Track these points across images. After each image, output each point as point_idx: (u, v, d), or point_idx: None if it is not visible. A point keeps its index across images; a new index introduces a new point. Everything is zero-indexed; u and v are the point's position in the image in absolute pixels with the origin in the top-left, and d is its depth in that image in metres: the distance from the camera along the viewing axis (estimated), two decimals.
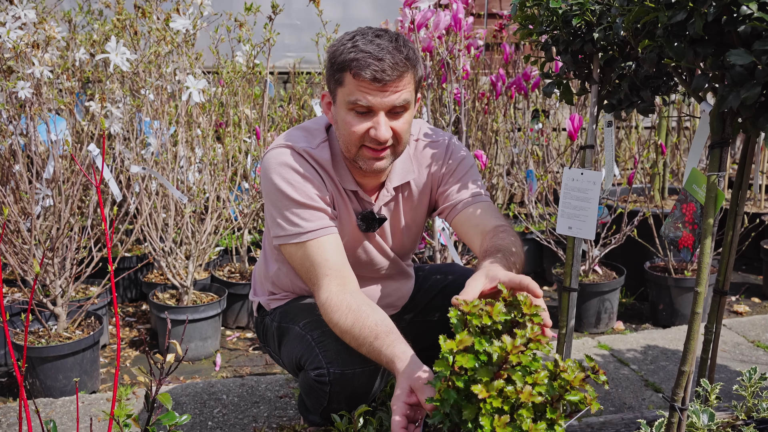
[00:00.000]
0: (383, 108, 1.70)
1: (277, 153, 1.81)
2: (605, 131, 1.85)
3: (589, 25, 1.64)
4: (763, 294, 3.76)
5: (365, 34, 1.71)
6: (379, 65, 1.65)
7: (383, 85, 1.66)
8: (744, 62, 1.19)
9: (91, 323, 2.77)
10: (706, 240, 1.42)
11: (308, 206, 1.78)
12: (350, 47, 1.68)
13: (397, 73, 1.67)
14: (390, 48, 1.67)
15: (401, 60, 1.67)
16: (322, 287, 1.73)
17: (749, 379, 1.72)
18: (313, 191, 1.79)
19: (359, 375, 1.76)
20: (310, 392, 1.85)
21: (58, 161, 2.72)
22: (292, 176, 1.78)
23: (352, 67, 1.66)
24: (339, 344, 1.76)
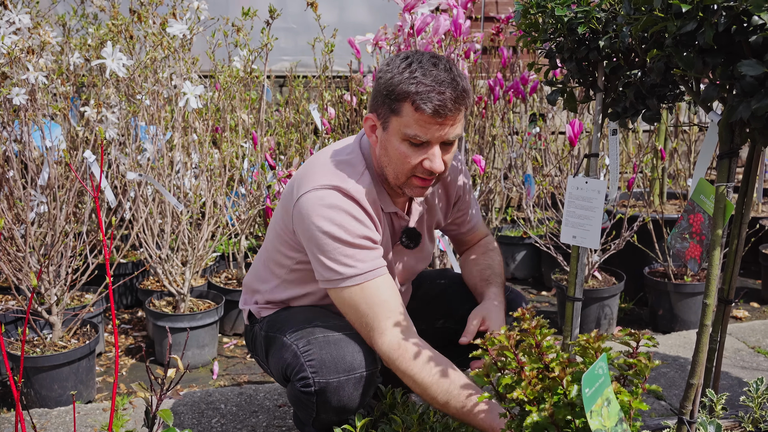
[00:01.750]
0: (439, 141, 1.69)
1: (322, 195, 1.72)
2: (610, 140, 1.83)
3: (595, 33, 1.62)
4: (762, 299, 3.75)
5: (421, 61, 1.66)
6: (441, 100, 1.62)
7: (443, 119, 1.64)
8: (755, 73, 1.17)
9: (87, 332, 2.74)
10: (715, 251, 1.40)
11: (361, 246, 1.72)
12: (408, 77, 1.64)
13: (456, 108, 1.65)
14: (448, 80, 1.64)
15: (460, 93, 1.65)
16: (385, 331, 1.69)
17: (756, 389, 1.70)
18: (365, 230, 1.73)
19: (344, 384, 1.74)
20: (299, 403, 1.83)
21: (53, 167, 2.68)
22: (342, 218, 1.71)
23: (414, 99, 1.63)
24: (324, 353, 1.74)
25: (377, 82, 1.72)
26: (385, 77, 1.69)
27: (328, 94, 3.38)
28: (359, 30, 3.85)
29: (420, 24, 2.85)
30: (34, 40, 2.60)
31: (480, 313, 1.91)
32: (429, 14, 2.85)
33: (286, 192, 1.89)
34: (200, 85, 2.69)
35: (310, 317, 1.89)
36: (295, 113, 3.65)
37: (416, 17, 2.84)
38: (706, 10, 1.23)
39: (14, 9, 2.50)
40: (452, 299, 2.19)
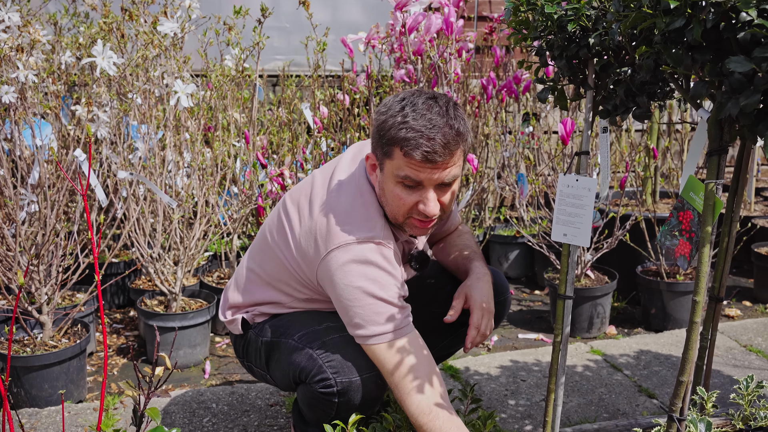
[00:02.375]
0: (433, 183, 1.68)
1: (353, 254, 1.70)
2: (600, 137, 1.83)
3: (585, 30, 1.62)
4: (754, 297, 3.76)
5: (415, 105, 1.64)
6: (430, 146, 1.60)
7: (434, 165, 1.64)
8: (744, 69, 1.17)
9: (78, 331, 2.72)
10: (705, 248, 1.40)
11: (394, 305, 1.71)
12: (400, 122, 1.63)
13: (448, 153, 1.63)
14: (441, 124, 1.62)
15: (453, 137, 1.63)
16: (412, 393, 1.67)
17: (746, 387, 1.70)
18: (397, 288, 1.73)
19: (366, 381, 1.75)
20: (315, 405, 1.81)
21: (44, 166, 2.67)
22: (378, 274, 1.71)
23: (403, 145, 1.62)
24: (343, 353, 1.75)
25: (375, 121, 1.70)
26: (380, 119, 1.68)
27: (320, 93, 3.37)
28: (352, 29, 3.84)
29: (412, 23, 2.84)
30: (24, 39, 2.59)
31: (463, 290, 1.95)
32: (421, 13, 2.85)
33: (303, 236, 1.80)
34: (191, 84, 2.68)
35: (316, 319, 1.88)
36: (287, 112, 3.64)
37: (408, 16, 2.83)
38: (694, 7, 1.23)
39: (4, 7, 2.49)
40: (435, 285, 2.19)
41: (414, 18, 2.86)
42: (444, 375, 2.70)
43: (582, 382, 2.75)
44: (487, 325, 1.92)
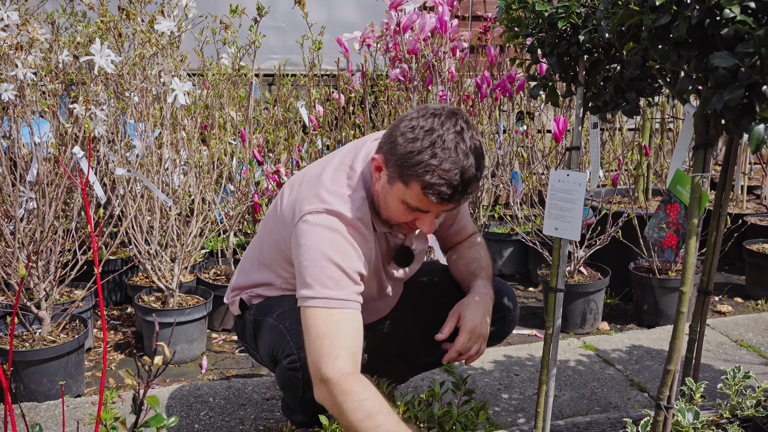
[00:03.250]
0: (439, 211, 1.73)
1: (326, 218, 1.74)
2: (591, 133, 1.86)
3: (575, 27, 1.65)
4: (746, 294, 3.80)
5: (444, 142, 1.63)
6: (450, 193, 1.64)
7: (446, 204, 1.69)
8: (727, 65, 1.21)
9: (76, 326, 2.75)
10: (691, 240, 1.44)
11: (349, 277, 1.72)
12: (427, 162, 1.62)
13: (465, 195, 1.68)
14: (466, 167, 1.64)
15: (474, 182, 1.67)
16: (339, 357, 1.62)
17: (733, 377, 1.74)
18: (358, 264, 1.74)
19: None
20: (287, 384, 1.86)
21: (42, 164, 2.70)
22: (341, 243, 1.73)
23: (425, 186, 1.64)
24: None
25: (398, 141, 1.67)
26: (405, 147, 1.65)
27: (315, 91, 3.40)
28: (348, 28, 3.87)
29: (406, 21, 2.88)
30: (22, 37, 2.61)
31: (458, 309, 1.96)
32: (415, 12, 2.88)
33: (286, 206, 1.86)
34: (188, 82, 2.71)
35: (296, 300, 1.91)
36: (283, 111, 3.68)
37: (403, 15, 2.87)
38: (680, 4, 1.26)
39: (2, 6, 2.51)
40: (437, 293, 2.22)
41: (408, 17, 2.89)
42: (438, 370, 2.73)
43: (575, 376, 2.78)
44: (475, 350, 1.93)
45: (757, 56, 1.18)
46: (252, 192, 3.28)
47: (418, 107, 1.75)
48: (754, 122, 1.26)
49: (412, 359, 2.33)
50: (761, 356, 2.94)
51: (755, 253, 3.70)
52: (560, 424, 2.32)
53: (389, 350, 2.28)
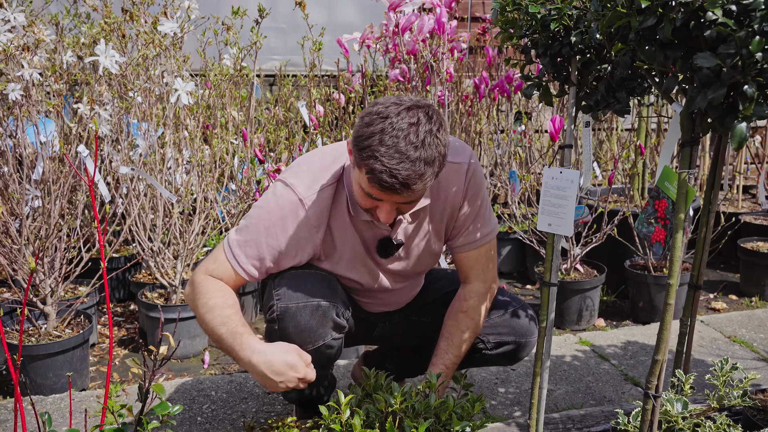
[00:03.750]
0: (392, 202, 1.75)
1: (280, 188, 1.91)
2: (583, 131, 1.91)
3: (567, 29, 1.70)
4: (740, 291, 3.85)
5: (395, 130, 1.64)
6: (390, 182, 1.64)
7: (391, 194, 1.70)
8: (710, 65, 1.26)
9: (81, 322, 2.80)
10: (678, 234, 1.49)
11: (247, 247, 1.92)
12: (374, 148, 1.65)
13: (408, 189, 1.67)
14: (412, 159, 1.64)
15: (417, 176, 1.65)
16: (205, 271, 1.95)
17: (721, 368, 1.79)
18: (258, 245, 1.91)
19: (302, 309, 1.88)
20: (268, 337, 1.97)
21: (47, 162, 2.75)
22: (276, 214, 1.90)
23: (368, 172, 1.67)
24: (289, 283, 1.91)
25: (357, 123, 1.72)
26: (360, 130, 1.69)
27: (316, 91, 3.46)
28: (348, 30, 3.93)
29: (405, 23, 2.93)
30: (28, 38, 2.66)
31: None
32: (414, 13, 2.93)
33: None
34: (191, 82, 2.76)
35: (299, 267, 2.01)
36: (284, 111, 3.73)
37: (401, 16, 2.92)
38: (665, 6, 1.32)
39: (9, 7, 2.57)
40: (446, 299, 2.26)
41: (407, 18, 2.94)
42: None
43: (570, 371, 2.83)
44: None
45: (738, 57, 1.24)
46: (253, 190, 3.33)
47: (395, 96, 1.80)
48: (737, 120, 1.32)
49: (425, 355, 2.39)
50: (754, 351, 2.99)
51: (749, 251, 3.75)
52: (555, 417, 2.38)
53: (407, 344, 2.34)
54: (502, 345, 2.19)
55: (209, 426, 2.38)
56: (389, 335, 2.32)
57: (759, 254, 3.70)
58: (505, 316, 2.19)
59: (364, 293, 2.14)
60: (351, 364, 2.82)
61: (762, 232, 3.99)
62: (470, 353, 2.16)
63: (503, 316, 2.19)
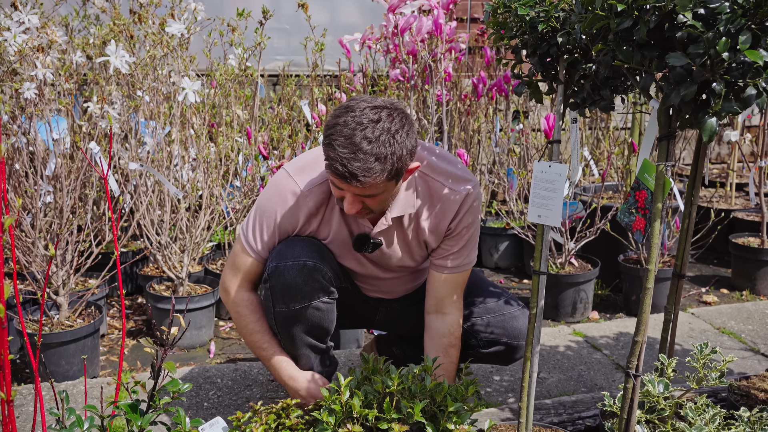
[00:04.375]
0: (353, 193, 1.87)
1: (283, 178, 2.07)
2: (571, 128, 2.01)
3: (554, 30, 1.80)
4: (732, 285, 3.94)
5: (355, 122, 1.77)
6: (342, 172, 1.77)
7: (349, 185, 1.82)
8: (681, 64, 1.36)
9: (92, 312, 2.91)
10: (656, 222, 1.59)
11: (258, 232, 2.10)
12: (332, 137, 1.78)
13: (359, 182, 1.79)
14: (365, 149, 1.75)
15: (366, 170, 1.76)
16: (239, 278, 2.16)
17: (701, 351, 1.89)
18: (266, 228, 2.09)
19: (290, 267, 2.02)
20: (266, 306, 2.14)
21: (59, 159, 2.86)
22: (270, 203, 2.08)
23: (326, 158, 1.82)
24: (282, 246, 2.06)
25: (332, 112, 1.90)
26: (330, 118, 1.84)
27: (318, 91, 3.56)
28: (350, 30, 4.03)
29: (404, 24, 3.03)
30: (42, 39, 2.77)
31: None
32: (412, 15, 3.04)
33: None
34: (198, 81, 2.87)
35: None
36: (288, 110, 3.83)
37: (400, 18, 3.02)
38: (640, 9, 1.41)
39: (24, 9, 2.68)
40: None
41: (406, 20, 3.05)
42: None
43: (563, 360, 2.93)
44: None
45: (707, 56, 1.34)
46: (257, 186, 3.43)
47: (373, 96, 1.94)
48: (707, 116, 1.42)
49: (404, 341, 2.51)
50: (741, 342, 3.09)
51: (740, 246, 3.84)
52: (547, 402, 2.48)
53: (407, 332, 2.45)
54: (494, 344, 2.29)
55: (215, 411, 2.48)
56: (390, 322, 2.43)
57: (749, 249, 3.80)
58: (499, 317, 2.29)
59: (360, 277, 2.27)
60: (352, 354, 2.92)
61: (753, 228, 4.09)
62: (464, 350, 2.26)
63: (497, 317, 2.29)
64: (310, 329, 2.09)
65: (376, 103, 1.83)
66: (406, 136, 1.83)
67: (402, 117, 1.84)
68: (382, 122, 1.79)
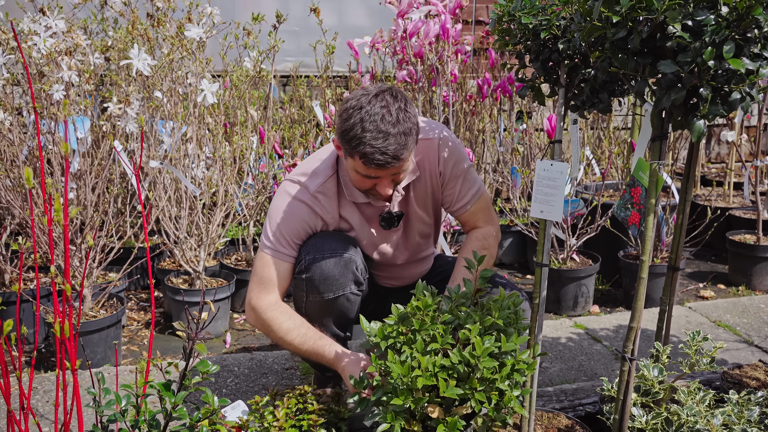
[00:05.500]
0: (387, 176, 2.03)
1: (289, 185, 2.21)
2: (571, 128, 2.14)
3: (556, 37, 1.93)
4: (729, 281, 4.06)
5: (372, 116, 1.92)
6: (383, 159, 1.93)
7: (388, 168, 1.98)
8: (671, 71, 1.48)
9: (114, 304, 3.05)
10: (650, 217, 1.72)
11: (276, 232, 2.19)
12: (359, 136, 1.92)
13: (399, 160, 1.96)
14: (394, 134, 1.92)
15: (402, 146, 1.94)
16: (270, 293, 2.20)
17: (693, 338, 2.01)
18: (288, 230, 2.18)
19: (327, 259, 2.15)
20: (297, 296, 2.23)
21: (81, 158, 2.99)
22: (286, 208, 2.20)
23: (362, 157, 1.95)
24: (316, 240, 2.18)
25: (339, 117, 2.01)
26: (342, 125, 1.97)
27: (329, 92, 3.69)
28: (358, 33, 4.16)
29: (412, 28, 3.16)
30: (67, 43, 2.91)
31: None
32: (420, 19, 3.16)
33: None
34: (216, 83, 3.00)
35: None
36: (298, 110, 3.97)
37: (409, 22, 3.15)
38: (634, 21, 1.54)
39: (51, 14, 2.81)
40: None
41: (414, 24, 3.18)
42: None
43: (565, 351, 3.06)
44: None
45: (694, 64, 1.46)
46: (271, 184, 3.57)
47: (359, 88, 2.08)
48: (696, 118, 1.55)
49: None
50: (736, 334, 3.21)
51: (737, 243, 3.96)
52: (549, 390, 2.61)
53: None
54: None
55: (234, 397, 2.62)
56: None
57: (745, 246, 3.92)
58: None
59: (376, 266, 2.39)
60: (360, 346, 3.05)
61: (749, 226, 4.21)
62: None
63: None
64: (337, 319, 2.22)
65: (373, 92, 1.99)
66: (411, 106, 2.03)
67: (399, 93, 2.03)
68: (392, 104, 1.97)
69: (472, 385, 1.68)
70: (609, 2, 1.54)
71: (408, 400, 1.68)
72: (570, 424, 2.22)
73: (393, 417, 1.69)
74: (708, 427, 1.73)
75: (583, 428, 2.18)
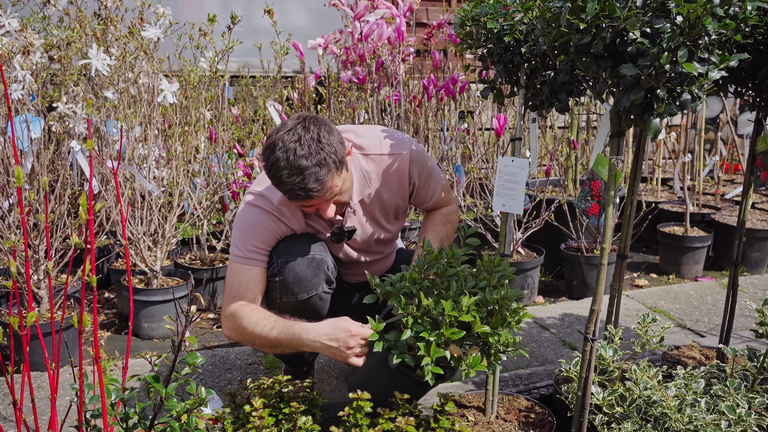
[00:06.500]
0: (322, 202, 2.10)
1: (252, 198, 2.25)
2: (530, 126, 2.28)
3: (518, 41, 2.06)
4: (660, 270, 4.33)
5: (287, 152, 1.97)
6: (305, 194, 2.00)
7: (315, 199, 2.05)
8: (631, 73, 1.63)
9: (70, 305, 3.02)
10: (609, 207, 1.86)
11: (246, 242, 2.22)
12: (278, 178, 1.99)
13: (323, 188, 2.02)
14: (307, 165, 1.96)
15: (321, 177, 1.99)
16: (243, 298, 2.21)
17: (643, 320, 2.18)
18: (256, 237, 2.22)
19: (300, 261, 2.21)
20: (271, 298, 2.27)
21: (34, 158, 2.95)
22: (250, 219, 2.24)
23: (285, 193, 2.04)
24: (287, 243, 2.23)
25: (263, 154, 2.05)
26: (264, 161, 2.03)
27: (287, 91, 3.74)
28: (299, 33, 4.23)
29: (367, 31, 3.26)
30: (19, 42, 2.87)
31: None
32: (375, 22, 3.26)
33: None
34: (176, 83, 3.02)
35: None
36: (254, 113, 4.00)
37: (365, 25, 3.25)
38: (597, 27, 1.68)
39: (4, 14, 2.77)
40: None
41: (369, 27, 3.27)
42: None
43: None
44: None
45: (653, 67, 1.61)
46: (225, 183, 3.59)
47: (282, 121, 2.19)
48: (652, 116, 1.70)
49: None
50: (671, 319, 3.44)
51: (666, 234, 4.23)
52: (505, 375, 2.75)
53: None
54: None
55: None
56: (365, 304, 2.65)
57: (675, 237, 4.18)
58: None
59: (343, 264, 2.47)
60: None
61: (678, 218, 4.49)
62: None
63: None
64: (310, 317, 2.27)
65: (288, 127, 2.04)
66: (327, 133, 2.06)
67: (313, 121, 2.06)
68: (303, 137, 2.01)
69: (495, 323, 1.88)
70: (575, 10, 1.67)
71: (458, 333, 1.82)
72: (530, 405, 2.36)
73: (435, 350, 1.82)
74: (663, 397, 1.89)
75: (542, 408, 2.32)
